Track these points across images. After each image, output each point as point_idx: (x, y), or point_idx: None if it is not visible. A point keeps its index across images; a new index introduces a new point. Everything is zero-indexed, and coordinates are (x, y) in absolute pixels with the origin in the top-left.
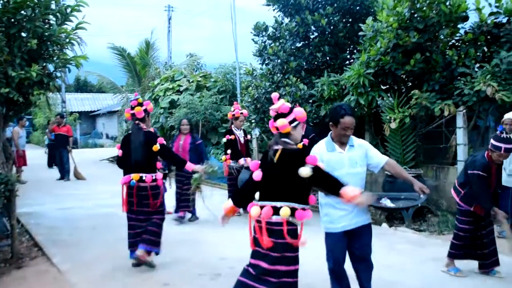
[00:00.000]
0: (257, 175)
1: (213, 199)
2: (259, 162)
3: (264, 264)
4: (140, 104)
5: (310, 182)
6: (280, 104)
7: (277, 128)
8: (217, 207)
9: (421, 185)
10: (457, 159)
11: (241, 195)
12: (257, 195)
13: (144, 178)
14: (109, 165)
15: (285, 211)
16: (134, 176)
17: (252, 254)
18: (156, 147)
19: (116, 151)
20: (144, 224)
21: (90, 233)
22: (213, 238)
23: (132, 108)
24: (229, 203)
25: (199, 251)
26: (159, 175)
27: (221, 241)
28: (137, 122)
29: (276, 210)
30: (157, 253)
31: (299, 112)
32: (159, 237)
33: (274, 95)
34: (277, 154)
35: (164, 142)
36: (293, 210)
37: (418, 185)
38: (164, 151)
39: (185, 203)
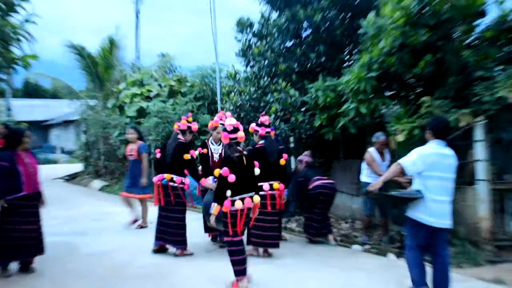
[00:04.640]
0: (232, 177)
1: (189, 226)
2: (227, 168)
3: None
4: (189, 123)
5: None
6: (234, 120)
7: (234, 138)
8: (192, 234)
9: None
10: (476, 177)
11: (221, 196)
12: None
13: (174, 178)
14: (63, 185)
15: (256, 199)
16: (167, 176)
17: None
18: (187, 156)
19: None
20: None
21: (36, 265)
22: (185, 270)
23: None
24: (217, 207)
25: (168, 286)
26: (187, 180)
27: (194, 274)
28: (177, 132)
29: (251, 198)
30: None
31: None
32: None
33: (228, 113)
34: (244, 159)
35: (195, 156)
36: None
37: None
38: (191, 163)
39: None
